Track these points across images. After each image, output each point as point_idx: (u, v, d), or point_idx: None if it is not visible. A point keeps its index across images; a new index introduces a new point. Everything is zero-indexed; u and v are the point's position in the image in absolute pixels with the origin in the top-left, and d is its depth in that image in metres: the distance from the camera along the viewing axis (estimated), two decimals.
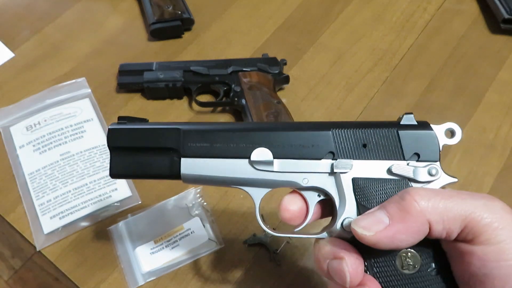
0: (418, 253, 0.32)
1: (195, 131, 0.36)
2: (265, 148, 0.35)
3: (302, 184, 0.35)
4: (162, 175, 0.37)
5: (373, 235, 0.30)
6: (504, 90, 0.67)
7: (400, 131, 0.34)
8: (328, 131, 0.35)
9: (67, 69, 0.70)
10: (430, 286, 0.32)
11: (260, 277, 0.52)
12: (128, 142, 0.37)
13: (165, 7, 0.73)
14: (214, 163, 0.36)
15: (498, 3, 0.72)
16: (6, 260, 0.55)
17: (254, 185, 0.36)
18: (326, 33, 0.74)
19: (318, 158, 0.35)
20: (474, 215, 0.28)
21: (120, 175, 0.38)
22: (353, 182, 0.34)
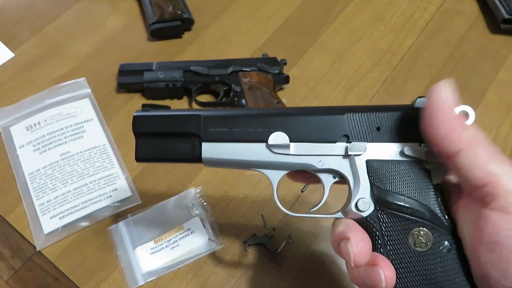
0: (431, 231, 0.33)
1: (215, 117, 0.38)
2: (282, 132, 0.36)
3: (317, 166, 0.37)
4: (184, 159, 0.39)
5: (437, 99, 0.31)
6: (504, 90, 0.67)
7: (413, 114, 0.34)
8: (343, 115, 0.36)
9: (67, 69, 0.70)
10: (441, 263, 0.33)
11: (260, 277, 0.52)
12: (152, 128, 0.39)
13: (165, 7, 0.73)
14: (233, 147, 0.37)
15: (498, 3, 0.72)
16: (6, 260, 0.55)
17: (271, 168, 0.38)
18: (326, 33, 0.74)
19: (333, 141, 0.36)
20: (500, 177, 0.29)
21: (145, 159, 0.40)
22: (367, 164, 0.35)
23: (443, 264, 0.33)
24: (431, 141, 0.32)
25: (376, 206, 0.35)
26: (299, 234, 0.55)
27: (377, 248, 0.34)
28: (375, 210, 0.35)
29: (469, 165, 0.30)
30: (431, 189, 0.34)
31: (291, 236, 0.55)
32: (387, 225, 0.34)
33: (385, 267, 0.32)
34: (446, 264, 0.33)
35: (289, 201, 0.58)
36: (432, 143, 0.32)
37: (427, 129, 0.32)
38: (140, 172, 0.60)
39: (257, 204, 0.57)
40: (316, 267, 0.53)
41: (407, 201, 0.34)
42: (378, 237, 0.34)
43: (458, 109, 0.34)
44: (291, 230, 0.55)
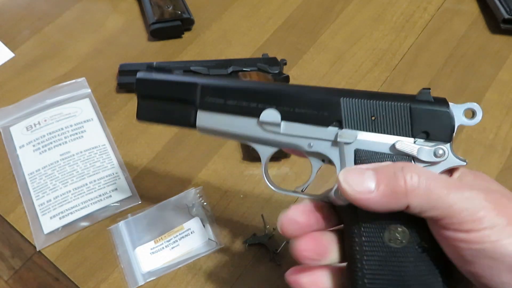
0: (409, 229, 0.32)
1: (212, 87, 0.38)
2: (274, 109, 0.36)
3: (306, 148, 0.36)
4: (181, 124, 0.40)
5: (352, 193, 0.30)
6: (504, 90, 0.67)
7: (413, 106, 0.33)
8: (339, 99, 0.35)
9: (67, 69, 0.70)
10: (414, 261, 0.32)
11: (260, 277, 0.52)
12: (152, 91, 0.41)
13: (165, 7, 0.73)
14: (227, 119, 0.38)
15: (498, 3, 0.72)
16: (6, 260, 0.55)
17: (261, 143, 0.38)
18: (326, 33, 0.74)
19: (325, 125, 0.35)
20: (456, 206, 0.29)
21: (144, 119, 0.42)
22: (355, 153, 0.34)
23: (415, 263, 0.32)
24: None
25: None
26: None
27: (353, 237, 0.33)
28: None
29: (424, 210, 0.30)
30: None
31: None
32: (365, 216, 0.32)
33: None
34: (419, 263, 0.32)
35: (289, 201, 0.58)
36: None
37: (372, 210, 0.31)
38: (140, 172, 0.60)
39: (257, 204, 0.57)
40: None
41: None
42: (356, 228, 0.33)
43: (463, 106, 0.33)
44: None
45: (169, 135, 0.63)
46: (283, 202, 0.57)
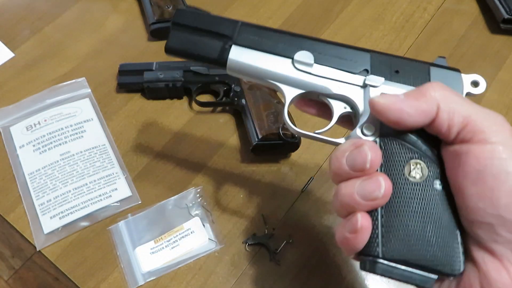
0: (427, 165, 0.34)
1: (252, 26, 0.40)
2: (309, 52, 0.39)
3: (333, 91, 0.38)
4: (211, 58, 0.40)
5: (383, 102, 0.33)
6: (504, 90, 0.67)
7: (431, 67, 0.38)
8: (368, 53, 0.39)
9: (67, 69, 0.70)
10: (432, 196, 0.33)
11: (260, 277, 0.52)
12: (192, 22, 0.41)
13: (165, 7, 0.73)
14: (261, 55, 0.39)
15: (498, 3, 0.72)
16: (6, 260, 0.55)
17: (290, 84, 0.39)
18: (326, 33, 0.74)
19: (353, 72, 0.38)
20: (476, 116, 0.31)
21: (174, 49, 0.42)
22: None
23: (433, 198, 0.33)
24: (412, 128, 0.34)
25: (381, 132, 0.35)
26: (299, 234, 0.55)
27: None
28: (379, 137, 0.35)
29: (448, 118, 0.32)
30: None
31: (291, 236, 0.55)
32: (387, 151, 0.35)
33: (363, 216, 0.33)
34: (436, 200, 0.33)
35: (290, 201, 0.58)
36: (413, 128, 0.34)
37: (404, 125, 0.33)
38: (140, 172, 0.60)
39: (257, 204, 0.57)
40: (316, 267, 0.53)
41: (412, 132, 0.34)
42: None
43: (471, 77, 0.37)
44: (291, 230, 0.55)
45: (169, 135, 0.64)
46: (283, 202, 0.58)
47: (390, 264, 0.33)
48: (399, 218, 0.33)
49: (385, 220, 0.33)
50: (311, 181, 0.58)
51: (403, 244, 0.32)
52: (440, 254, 0.32)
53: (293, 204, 0.57)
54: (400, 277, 0.33)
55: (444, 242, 0.32)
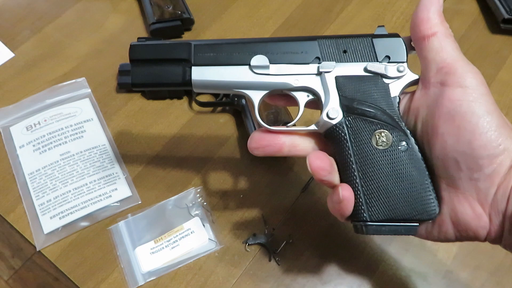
0: (390, 132, 0.39)
1: (204, 44, 0.42)
2: (262, 55, 0.41)
3: (293, 85, 0.41)
4: (176, 83, 0.42)
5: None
6: (504, 90, 0.67)
7: (374, 39, 0.41)
8: (315, 41, 0.42)
9: (67, 69, 0.70)
10: (399, 159, 0.38)
11: (260, 277, 0.52)
12: (147, 54, 0.43)
13: (165, 7, 0.73)
14: (220, 69, 0.42)
15: (498, 3, 0.72)
16: (6, 260, 0.55)
17: (253, 88, 0.42)
18: (326, 33, 0.74)
19: (306, 63, 0.41)
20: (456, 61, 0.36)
21: (139, 84, 0.43)
22: (336, 80, 0.41)
23: (401, 160, 0.38)
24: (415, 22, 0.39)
25: (344, 113, 0.40)
26: (299, 234, 0.55)
27: (345, 150, 0.39)
28: (343, 117, 0.40)
29: (438, 48, 0.37)
30: (389, 99, 0.40)
31: (291, 236, 0.55)
32: (353, 129, 0.39)
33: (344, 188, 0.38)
34: (404, 160, 0.38)
35: (290, 201, 0.58)
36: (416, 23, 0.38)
37: (418, 10, 0.38)
38: (140, 172, 0.60)
39: (257, 204, 0.57)
40: (316, 267, 0.53)
41: (370, 107, 0.39)
42: (346, 140, 0.39)
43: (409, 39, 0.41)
44: (291, 230, 0.55)
45: (169, 135, 0.64)
46: (283, 202, 0.58)
47: (378, 224, 0.39)
48: (377, 185, 0.38)
49: (366, 189, 0.39)
50: (311, 181, 0.58)
51: (385, 205, 0.38)
52: (417, 205, 0.38)
53: (293, 204, 0.57)
54: (388, 233, 0.39)
55: (418, 194, 0.38)
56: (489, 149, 0.34)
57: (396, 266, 0.53)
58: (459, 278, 0.52)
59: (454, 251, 0.53)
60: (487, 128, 0.34)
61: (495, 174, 0.34)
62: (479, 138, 0.34)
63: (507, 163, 0.34)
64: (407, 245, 0.54)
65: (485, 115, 0.34)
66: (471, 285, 0.52)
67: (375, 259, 0.53)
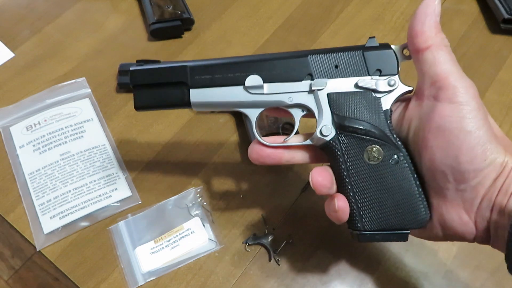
0: (381, 147, 0.40)
1: (199, 66, 0.44)
2: (256, 75, 0.42)
3: (287, 102, 0.42)
4: (176, 105, 0.44)
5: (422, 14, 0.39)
6: (504, 90, 0.67)
7: (364, 52, 0.41)
8: (306, 57, 0.42)
9: (67, 69, 0.70)
10: (391, 172, 0.40)
11: (260, 277, 0.52)
12: (146, 80, 0.44)
13: (165, 7, 0.73)
14: (216, 91, 0.43)
15: (498, 3, 0.72)
16: (6, 260, 0.55)
17: (249, 107, 0.44)
18: (326, 33, 0.74)
19: (299, 80, 0.42)
20: (449, 75, 0.37)
21: (142, 107, 0.45)
22: (328, 96, 0.41)
23: (392, 173, 0.40)
24: (410, 35, 0.39)
25: (336, 130, 0.41)
26: (299, 234, 0.55)
27: (339, 164, 0.41)
28: (336, 134, 0.41)
29: (432, 61, 0.37)
30: (381, 113, 0.40)
31: (291, 236, 0.55)
32: (346, 145, 0.41)
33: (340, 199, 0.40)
34: (395, 173, 0.40)
35: (290, 201, 0.58)
36: (410, 36, 0.39)
37: (413, 23, 0.38)
38: (140, 172, 0.60)
39: (257, 204, 0.57)
40: (316, 267, 0.53)
41: (361, 124, 0.40)
42: (340, 156, 0.41)
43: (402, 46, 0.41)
44: (291, 230, 0.55)
45: (169, 135, 0.64)
46: (283, 202, 0.58)
47: (371, 233, 0.40)
48: (370, 197, 0.40)
49: (359, 201, 0.40)
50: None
51: (378, 216, 0.40)
52: (408, 215, 0.40)
53: (293, 204, 0.57)
54: (381, 240, 0.41)
55: (409, 204, 0.39)
56: (475, 164, 0.36)
57: (396, 266, 0.53)
58: (459, 278, 0.52)
59: (454, 251, 0.53)
60: (474, 143, 0.35)
61: (480, 186, 0.36)
62: (466, 154, 0.35)
63: (492, 176, 0.36)
64: (407, 245, 0.54)
65: (473, 131, 0.35)
66: (471, 285, 0.52)
67: (375, 259, 0.53)
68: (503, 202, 0.36)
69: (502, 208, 0.36)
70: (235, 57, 0.44)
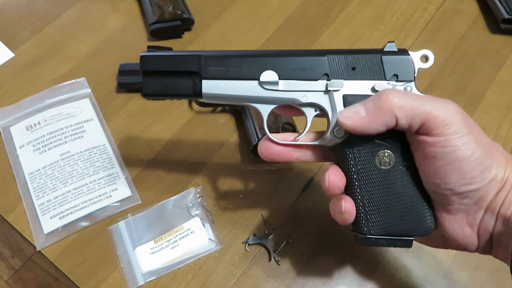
0: (393, 153, 0.40)
1: (214, 57, 0.42)
2: (272, 71, 0.41)
3: (301, 100, 0.42)
4: (186, 95, 0.43)
5: (350, 123, 0.38)
6: (504, 90, 0.67)
7: (383, 56, 0.41)
8: (324, 56, 0.41)
9: (67, 69, 0.70)
10: (401, 178, 0.40)
11: (260, 277, 0.52)
12: (158, 66, 0.43)
13: (165, 7, 0.73)
14: (230, 84, 0.42)
15: (498, 3, 0.72)
16: (6, 260, 0.55)
17: (262, 102, 0.43)
18: (326, 33, 0.74)
19: (315, 79, 0.41)
20: (432, 114, 0.36)
21: (151, 94, 0.44)
22: (344, 98, 0.41)
23: (401, 179, 0.40)
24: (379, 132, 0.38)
25: (350, 133, 0.40)
26: (299, 234, 0.55)
27: (349, 167, 0.40)
28: (349, 136, 0.40)
29: (407, 122, 0.37)
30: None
31: (291, 236, 0.55)
32: (358, 148, 0.40)
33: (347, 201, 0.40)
34: (404, 180, 0.40)
35: (290, 201, 0.58)
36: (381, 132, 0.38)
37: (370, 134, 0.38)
38: (140, 172, 0.60)
39: (257, 204, 0.57)
40: (316, 267, 0.53)
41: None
42: (351, 158, 0.40)
43: (420, 53, 0.41)
44: (291, 230, 0.55)
45: (169, 135, 0.64)
46: (283, 202, 0.58)
47: (376, 237, 0.40)
48: (378, 202, 0.40)
49: (367, 205, 0.40)
50: (311, 181, 0.58)
51: (384, 221, 0.40)
52: (414, 221, 0.40)
53: (293, 204, 0.57)
54: (385, 245, 0.41)
55: (416, 211, 0.40)
56: (475, 184, 0.36)
57: (396, 266, 0.53)
58: (459, 278, 0.52)
59: (454, 252, 0.53)
60: (472, 167, 0.36)
61: (483, 200, 0.37)
62: (465, 177, 0.36)
63: (494, 190, 0.37)
64: None
65: (468, 157, 0.36)
66: (471, 285, 0.52)
67: (375, 259, 0.53)
68: (507, 213, 0.36)
69: (507, 218, 0.36)
70: (251, 51, 0.43)
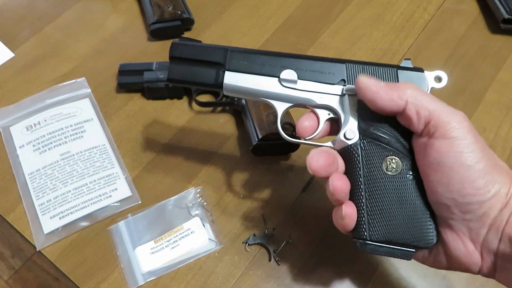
0: (401, 160, 0.40)
1: (240, 51, 0.45)
2: (292, 70, 0.44)
3: (317, 102, 0.44)
4: (208, 84, 0.45)
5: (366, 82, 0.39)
6: (504, 90, 0.67)
7: (399, 70, 0.43)
8: (343, 64, 0.44)
9: (67, 69, 0.70)
10: (406, 187, 0.40)
11: (260, 277, 0.52)
12: (185, 54, 0.46)
13: (165, 7, 0.73)
14: (251, 77, 0.44)
15: (498, 3, 0.72)
16: (6, 260, 0.55)
17: (279, 100, 0.45)
18: (326, 33, 0.74)
19: (332, 83, 0.44)
20: (439, 113, 0.37)
21: (175, 80, 0.46)
22: (358, 103, 0.42)
23: (407, 187, 0.40)
24: (383, 111, 0.39)
25: (360, 135, 0.41)
26: (299, 234, 0.55)
27: (356, 170, 0.41)
28: (359, 139, 0.41)
29: (416, 111, 0.37)
30: (406, 128, 0.40)
31: (291, 236, 0.55)
32: (367, 151, 0.41)
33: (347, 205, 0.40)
34: (410, 188, 0.40)
35: (289, 201, 0.58)
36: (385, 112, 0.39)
37: (375, 105, 0.39)
38: (140, 172, 0.60)
39: (257, 204, 0.57)
40: (316, 267, 0.53)
41: (385, 133, 0.41)
42: (358, 162, 0.41)
43: (434, 73, 0.42)
44: (291, 230, 0.55)
45: (169, 135, 0.64)
46: (283, 202, 0.58)
47: (377, 244, 0.40)
48: (381, 207, 0.40)
49: (370, 209, 0.40)
50: (311, 181, 0.58)
51: (386, 228, 0.40)
52: (416, 232, 0.39)
53: (293, 204, 0.57)
54: (385, 254, 0.40)
55: (418, 222, 0.39)
56: (478, 196, 0.35)
57: (396, 266, 0.53)
58: (459, 278, 0.52)
59: None
60: (476, 177, 0.35)
61: (486, 216, 0.36)
62: (468, 187, 0.35)
63: (497, 206, 0.36)
64: None
65: (473, 165, 0.35)
66: (471, 285, 0.52)
67: (375, 259, 0.53)
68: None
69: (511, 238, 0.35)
70: (275, 52, 0.45)
